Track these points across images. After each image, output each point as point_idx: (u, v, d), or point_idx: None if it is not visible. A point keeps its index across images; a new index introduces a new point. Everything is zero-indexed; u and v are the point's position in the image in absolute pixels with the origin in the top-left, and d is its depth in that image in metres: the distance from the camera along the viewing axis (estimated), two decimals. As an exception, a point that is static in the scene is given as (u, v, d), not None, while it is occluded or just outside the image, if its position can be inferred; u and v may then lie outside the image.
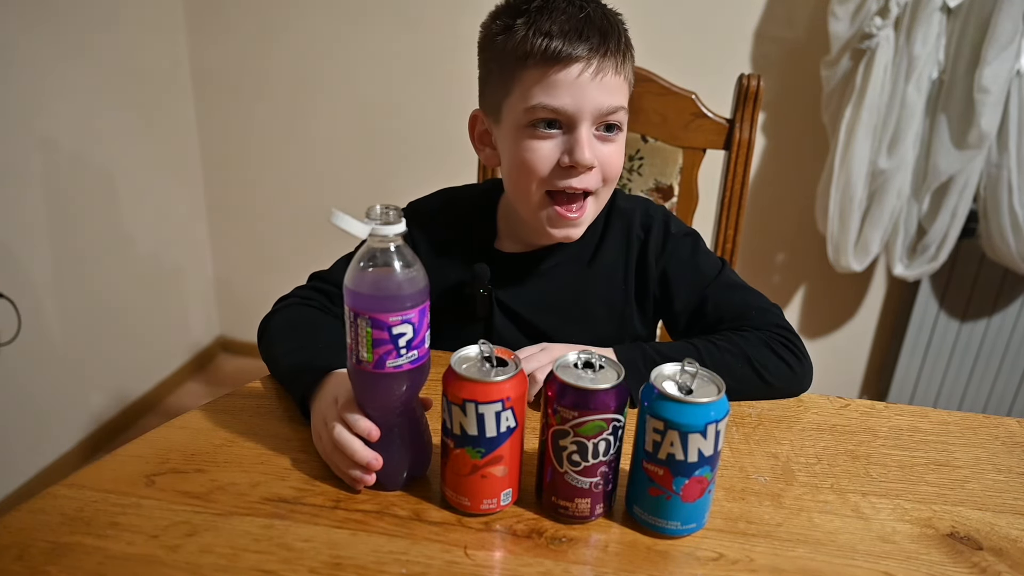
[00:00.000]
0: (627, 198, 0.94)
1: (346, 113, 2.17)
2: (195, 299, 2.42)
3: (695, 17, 1.89)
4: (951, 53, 1.67)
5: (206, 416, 0.74)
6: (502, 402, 0.57)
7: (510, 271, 0.90)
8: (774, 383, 0.81)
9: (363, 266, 0.57)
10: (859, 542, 0.61)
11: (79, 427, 1.97)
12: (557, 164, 0.78)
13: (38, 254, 1.77)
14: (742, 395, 0.81)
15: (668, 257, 0.90)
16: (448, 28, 2.00)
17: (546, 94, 0.76)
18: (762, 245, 2.08)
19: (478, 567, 0.56)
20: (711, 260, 0.91)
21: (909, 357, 2.06)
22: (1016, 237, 1.74)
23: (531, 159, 0.78)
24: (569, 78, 0.76)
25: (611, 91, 0.78)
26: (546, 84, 0.76)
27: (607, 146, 0.80)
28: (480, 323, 0.91)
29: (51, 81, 1.74)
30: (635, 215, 0.91)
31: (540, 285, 0.90)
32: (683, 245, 0.90)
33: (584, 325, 0.91)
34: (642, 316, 0.93)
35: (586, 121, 0.77)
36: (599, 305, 0.91)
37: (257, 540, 0.57)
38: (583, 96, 0.76)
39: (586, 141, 0.77)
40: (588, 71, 0.76)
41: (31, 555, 0.55)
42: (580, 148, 0.76)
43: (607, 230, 0.91)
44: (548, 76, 0.76)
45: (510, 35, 0.77)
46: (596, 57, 0.76)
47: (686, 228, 0.93)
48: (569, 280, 0.90)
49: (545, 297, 0.90)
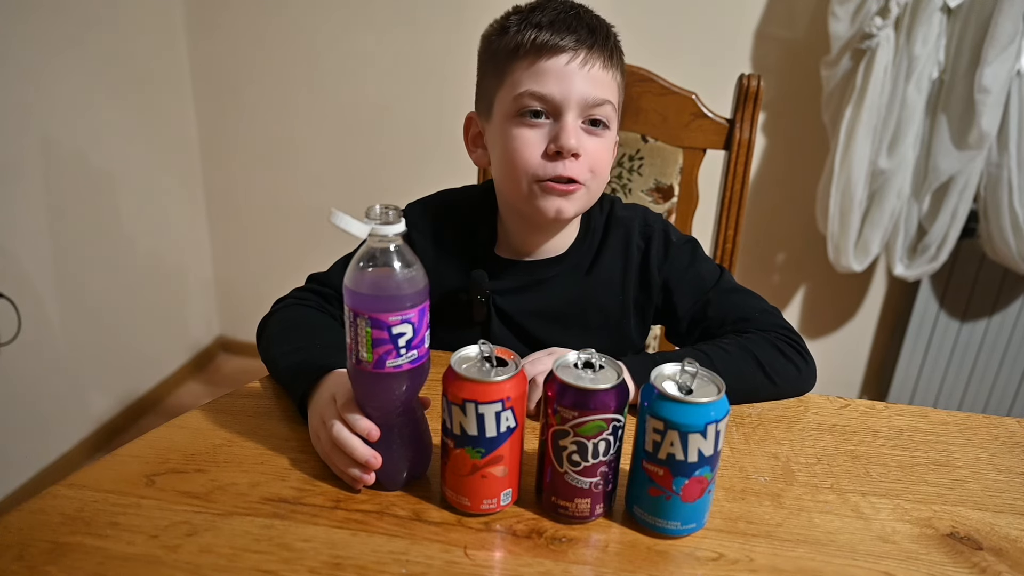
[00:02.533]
0: (625, 207, 0.94)
1: (346, 113, 2.17)
2: (195, 299, 2.42)
3: (695, 17, 1.89)
4: (951, 53, 1.67)
5: (206, 416, 0.74)
6: (502, 402, 0.57)
7: (508, 277, 0.90)
8: (782, 384, 0.81)
9: (363, 266, 0.57)
10: (859, 542, 0.61)
11: (79, 427, 1.97)
12: (544, 153, 0.80)
13: (38, 254, 1.77)
14: (752, 397, 0.81)
15: (670, 265, 0.90)
16: (448, 29, 2.00)
17: (534, 82, 0.78)
18: (762, 245, 2.08)
19: (478, 567, 0.56)
20: (710, 266, 0.92)
21: (909, 357, 2.06)
22: (1016, 237, 1.74)
23: (518, 147, 0.80)
24: (556, 66, 0.78)
25: (598, 83, 0.79)
26: (534, 72, 0.78)
27: (593, 139, 0.81)
28: (477, 328, 0.91)
29: (51, 81, 1.74)
30: (634, 224, 0.91)
31: (538, 292, 0.90)
32: (684, 252, 0.91)
33: (580, 333, 0.91)
34: (639, 325, 0.93)
35: (572, 110, 0.79)
36: (596, 313, 0.91)
37: (257, 540, 0.57)
38: (570, 84, 0.78)
39: (571, 128, 0.78)
40: (575, 61, 0.78)
41: (31, 555, 0.55)
42: (565, 133, 0.78)
43: (606, 239, 0.91)
44: (536, 65, 0.79)
45: (504, 33, 0.81)
46: (583, 49, 0.78)
47: (685, 236, 0.93)
48: (567, 288, 0.90)
49: (543, 304, 0.90)
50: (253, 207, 2.37)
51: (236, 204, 2.37)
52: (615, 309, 0.91)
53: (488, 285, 0.88)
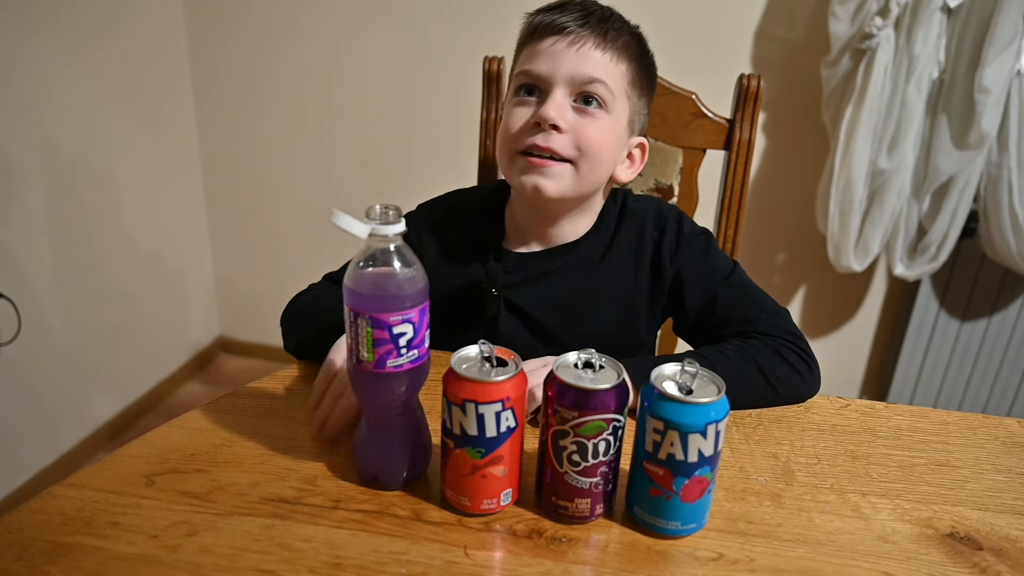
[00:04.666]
0: (638, 199, 0.95)
1: (345, 113, 2.17)
2: (195, 299, 2.42)
3: (695, 17, 1.89)
4: (951, 53, 1.67)
5: (206, 416, 0.74)
6: (502, 402, 0.57)
7: (519, 269, 0.90)
8: (785, 392, 0.80)
9: (363, 266, 0.57)
10: (859, 542, 0.61)
11: (79, 427, 1.97)
12: (526, 124, 0.83)
13: (38, 254, 1.77)
14: (753, 405, 0.80)
15: (682, 256, 0.90)
16: (449, 29, 2.00)
17: (528, 62, 0.84)
18: (762, 245, 2.08)
19: (478, 567, 0.56)
20: (724, 260, 0.91)
21: (909, 357, 2.06)
22: (1016, 237, 1.74)
23: (508, 121, 0.85)
24: (546, 46, 0.83)
25: (588, 61, 0.81)
26: (530, 54, 0.85)
27: (584, 118, 0.82)
28: (488, 322, 0.91)
29: (51, 82, 1.74)
30: (648, 215, 0.91)
31: (548, 283, 0.90)
32: (697, 244, 0.90)
33: (590, 324, 0.91)
34: (649, 317, 0.93)
35: (559, 86, 0.82)
36: (606, 305, 0.91)
37: (257, 540, 0.57)
38: (558, 61, 0.82)
39: (554, 102, 0.81)
40: (565, 40, 0.82)
41: (31, 555, 0.55)
42: (545, 105, 0.81)
43: (618, 230, 0.91)
44: (532, 47, 0.84)
45: (524, 27, 0.88)
46: (575, 27, 0.82)
47: (699, 228, 0.93)
48: (578, 279, 0.90)
49: (553, 295, 0.90)
50: (253, 207, 2.37)
51: (236, 204, 2.37)
52: (626, 300, 0.91)
53: (503, 279, 0.89)
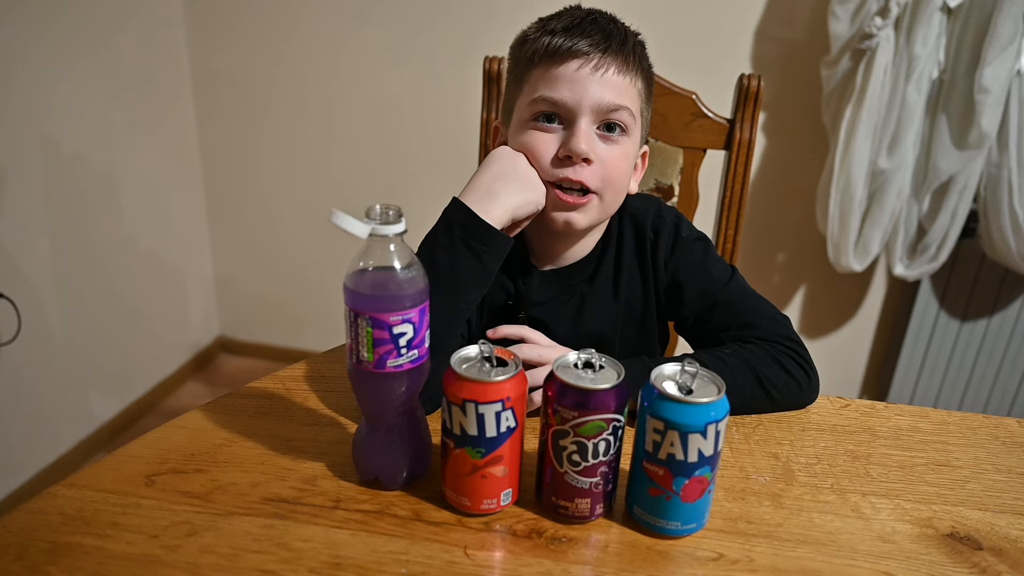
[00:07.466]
0: (638, 198, 0.93)
1: (345, 113, 2.17)
2: (195, 299, 2.42)
3: (695, 17, 1.89)
4: (951, 53, 1.67)
5: (206, 416, 0.74)
6: (502, 402, 0.57)
7: (543, 288, 0.90)
8: (781, 399, 0.80)
9: (363, 266, 0.57)
10: (859, 542, 0.61)
11: (79, 427, 1.97)
12: (555, 157, 0.80)
13: (38, 254, 1.77)
14: (748, 411, 0.80)
15: (677, 261, 0.89)
16: (449, 29, 2.00)
17: (547, 87, 0.79)
18: (762, 245, 2.08)
19: (478, 567, 0.56)
20: (722, 266, 0.90)
21: (909, 357, 2.06)
22: (1016, 237, 1.74)
23: (531, 143, 0.80)
24: (569, 72, 0.78)
25: (613, 88, 0.79)
26: (548, 78, 0.79)
27: (609, 146, 0.80)
28: None
29: (52, 82, 1.74)
30: (646, 216, 0.90)
31: (569, 300, 0.90)
32: (695, 250, 0.89)
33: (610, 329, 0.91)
34: (659, 315, 0.93)
35: (585, 115, 0.78)
36: (624, 321, 0.91)
37: (257, 540, 0.57)
38: (582, 90, 0.78)
39: (583, 133, 0.78)
40: (588, 66, 0.78)
41: (31, 555, 0.55)
42: (576, 138, 0.78)
43: (622, 236, 0.90)
44: (550, 71, 0.79)
45: (524, 42, 0.83)
46: (597, 53, 0.78)
47: (697, 233, 0.92)
48: (598, 311, 0.90)
49: (572, 314, 0.90)
50: (253, 207, 2.37)
51: (236, 204, 2.37)
52: (638, 301, 0.91)
53: (534, 298, 0.89)
